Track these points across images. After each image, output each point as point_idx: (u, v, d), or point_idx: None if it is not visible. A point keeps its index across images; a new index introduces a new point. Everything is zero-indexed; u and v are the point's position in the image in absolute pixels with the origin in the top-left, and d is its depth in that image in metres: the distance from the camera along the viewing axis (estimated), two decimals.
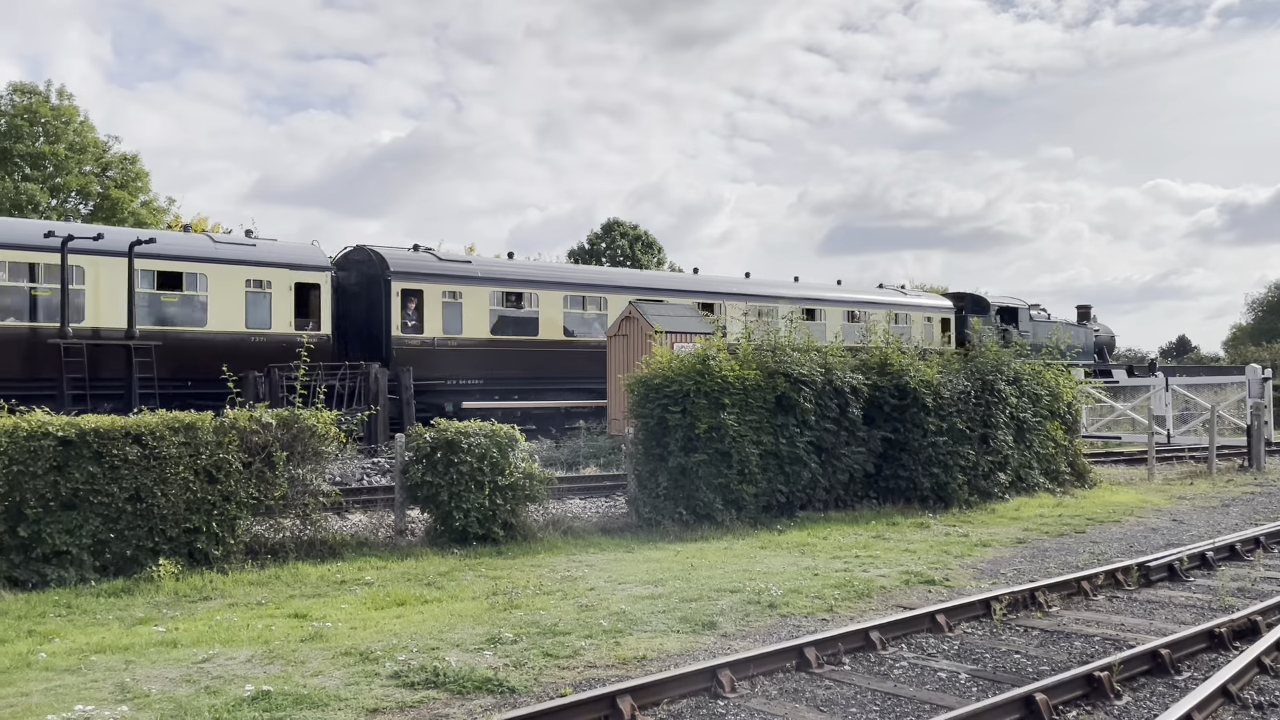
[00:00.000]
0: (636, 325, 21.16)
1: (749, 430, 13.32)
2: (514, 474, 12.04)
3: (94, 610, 8.36)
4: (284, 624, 7.88)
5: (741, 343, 14.37)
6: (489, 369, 23.75)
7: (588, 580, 9.71)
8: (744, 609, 8.43)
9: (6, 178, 33.93)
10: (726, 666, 6.37)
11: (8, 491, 9.01)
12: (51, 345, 17.97)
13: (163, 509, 9.72)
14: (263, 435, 10.60)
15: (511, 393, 24.00)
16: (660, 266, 55.98)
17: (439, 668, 6.49)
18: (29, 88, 36.15)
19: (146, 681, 6.24)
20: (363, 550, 11.16)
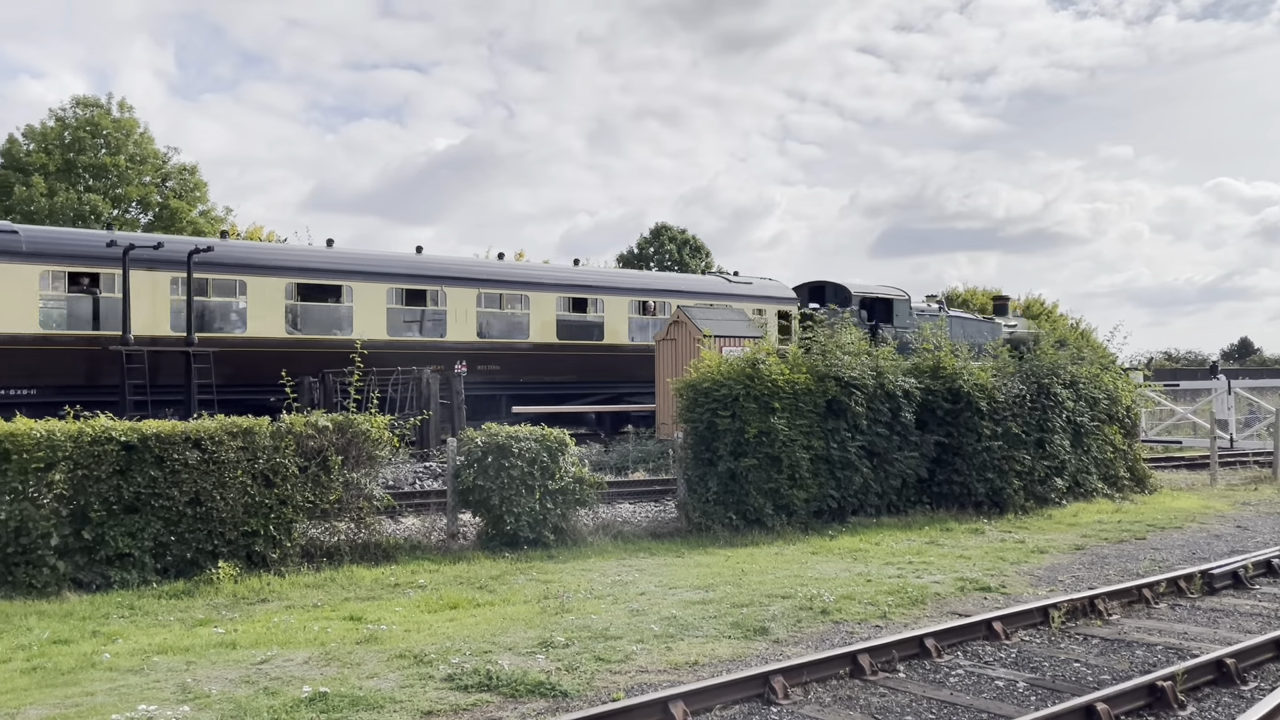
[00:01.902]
0: (684, 329, 21.13)
1: (799, 435, 13.23)
2: (564, 478, 12.09)
3: (156, 612, 8.53)
4: (340, 626, 7.98)
5: (791, 347, 14.28)
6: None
7: (638, 585, 9.71)
8: (796, 615, 8.37)
9: (70, 189, 34.85)
10: (779, 673, 6.33)
11: (73, 495, 9.24)
12: (113, 352, 18.39)
13: (221, 512, 9.90)
14: (318, 440, 10.75)
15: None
16: (708, 271, 55.87)
17: (492, 671, 6.53)
18: (92, 101, 37.14)
19: (207, 682, 6.36)
20: (415, 553, 11.26)
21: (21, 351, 18.10)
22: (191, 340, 19.20)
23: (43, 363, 18.30)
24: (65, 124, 36.17)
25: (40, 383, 18.17)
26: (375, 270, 22.45)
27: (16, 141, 35.71)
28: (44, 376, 18.23)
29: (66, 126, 36.08)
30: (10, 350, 17.98)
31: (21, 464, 8.98)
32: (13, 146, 35.56)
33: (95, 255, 18.85)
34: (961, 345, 15.98)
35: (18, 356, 18.05)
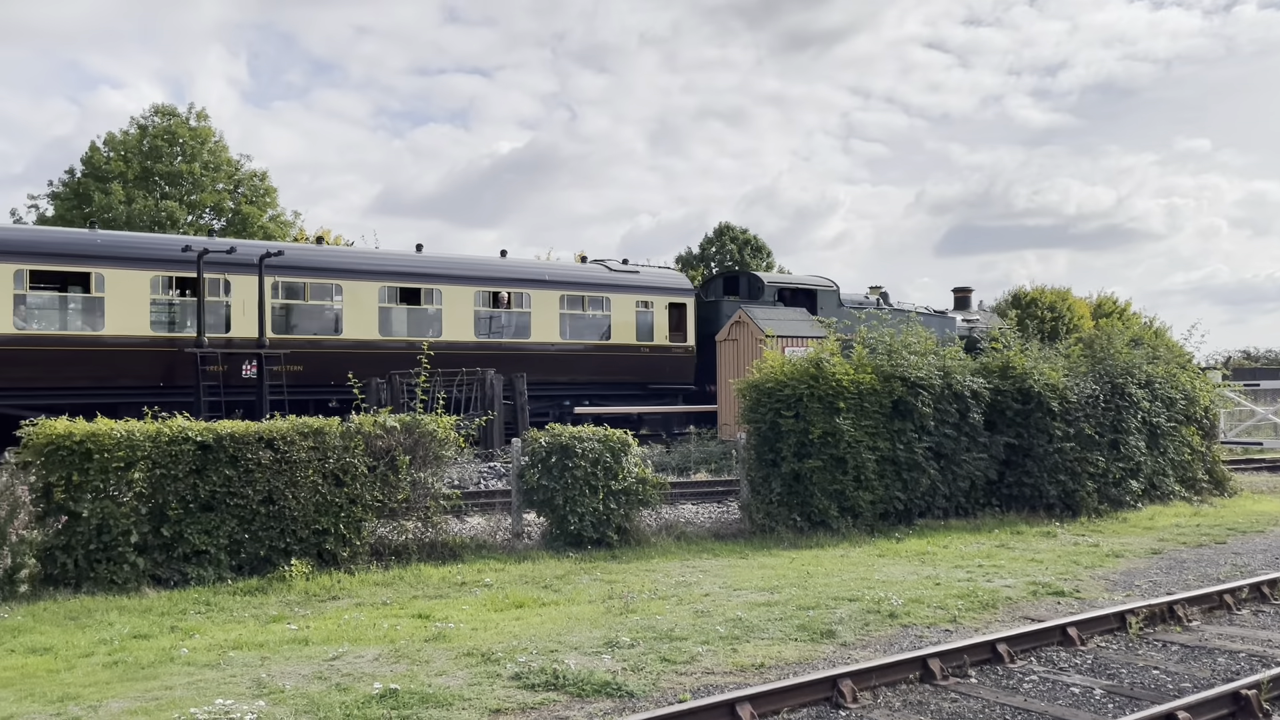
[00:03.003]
0: (746, 330, 21.04)
1: (865, 436, 13.08)
2: (627, 479, 12.11)
3: (231, 608, 8.73)
4: (408, 624, 8.09)
5: (857, 347, 14.12)
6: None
7: (702, 586, 9.68)
8: (863, 618, 8.27)
9: (148, 195, 35.89)
10: (848, 676, 6.26)
11: (151, 493, 9.50)
12: (189, 354, 18.87)
13: (293, 511, 10.10)
14: (386, 440, 10.91)
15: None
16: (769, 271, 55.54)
17: (558, 670, 6.56)
18: (169, 110, 38.22)
19: (281, 677, 6.48)
20: (481, 552, 11.37)
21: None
22: (263, 342, 19.61)
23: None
24: (146, 132, 37.23)
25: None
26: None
27: (98, 150, 36.87)
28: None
29: (146, 135, 37.15)
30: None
31: (103, 463, 9.25)
32: (94, 155, 36.72)
33: (179, 259, 19.45)
34: (899, 337, 14.47)
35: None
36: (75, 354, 18.31)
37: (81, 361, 18.30)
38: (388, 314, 21.83)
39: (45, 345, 18.19)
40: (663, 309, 25.07)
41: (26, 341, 17.97)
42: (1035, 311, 45.31)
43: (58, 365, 18.07)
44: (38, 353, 18.05)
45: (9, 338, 17.70)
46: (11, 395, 17.74)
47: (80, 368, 18.28)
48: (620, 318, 24.46)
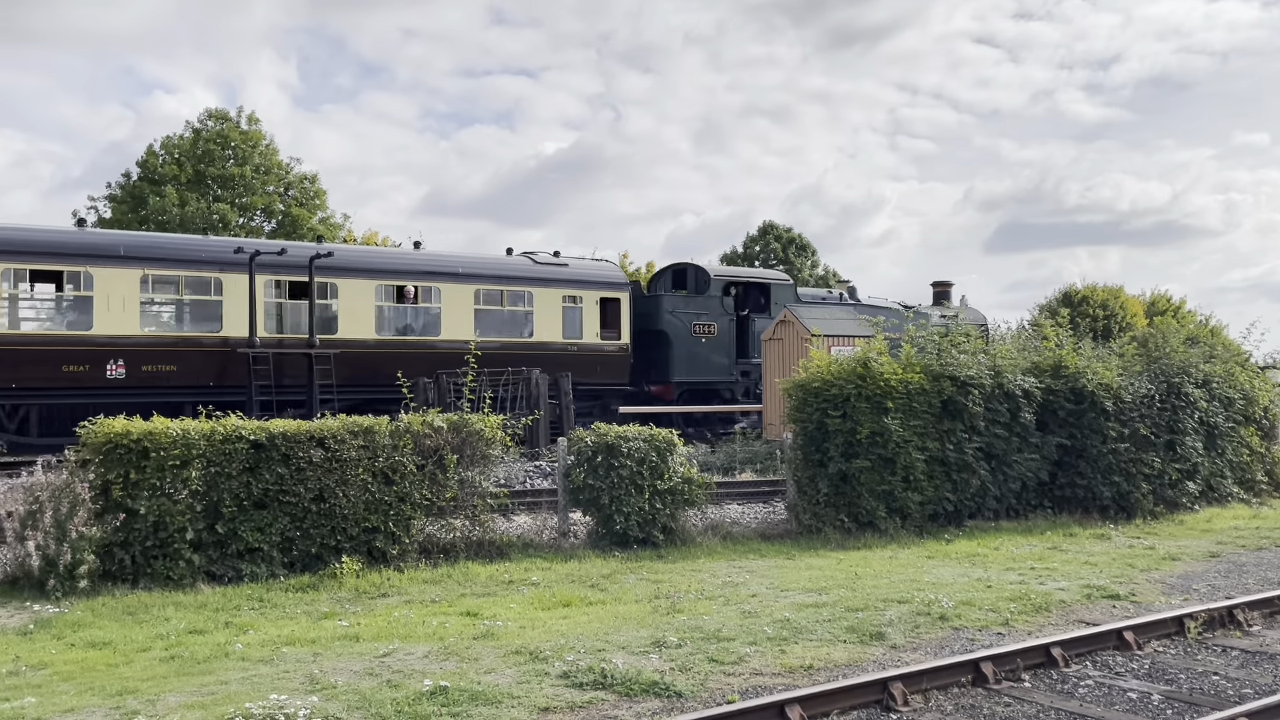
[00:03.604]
0: (792, 329, 20.91)
1: (913, 436, 12.93)
2: (673, 478, 12.10)
3: (283, 604, 8.86)
4: (457, 622, 8.15)
5: (905, 346, 13.98)
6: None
7: (749, 586, 9.64)
8: (913, 620, 8.18)
9: (201, 198, 36.55)
10: (898, 679, 6.20)
11: (206, 491, 9.67)
12: (241, 354, 19.17)
13: (344, 509, 10.22)
14: (434, 439, 11.01)
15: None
16: (813, 270, 55.18)
17: (606, 669, 6.57)
18: (221, 114, 38.88)
19: (333, 673, 6.56)
20: (528, 551, 11.43)
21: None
22: (313, 342, 19.87)
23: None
24: (199, 136, 37.94)
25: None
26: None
27: (154, 154, 37.63)
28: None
29: (200, 138, 37.85)
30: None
31: (159, 461, 9.43)
32: (150, 159, 37.49)
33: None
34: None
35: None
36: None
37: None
38: (276, 309, 20.06)
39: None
40: (593, 304, 23.27)
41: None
42: (1087, 310, 44.53)
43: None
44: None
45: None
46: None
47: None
48: (544, 314, 22.72)
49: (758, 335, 24.12)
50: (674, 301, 24.47)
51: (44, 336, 18.29)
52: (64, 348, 18.09)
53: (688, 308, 24.43)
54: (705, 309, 24.49)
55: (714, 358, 24.44)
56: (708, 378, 24.39)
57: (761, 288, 25.89)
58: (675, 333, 23.98)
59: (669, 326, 24.00)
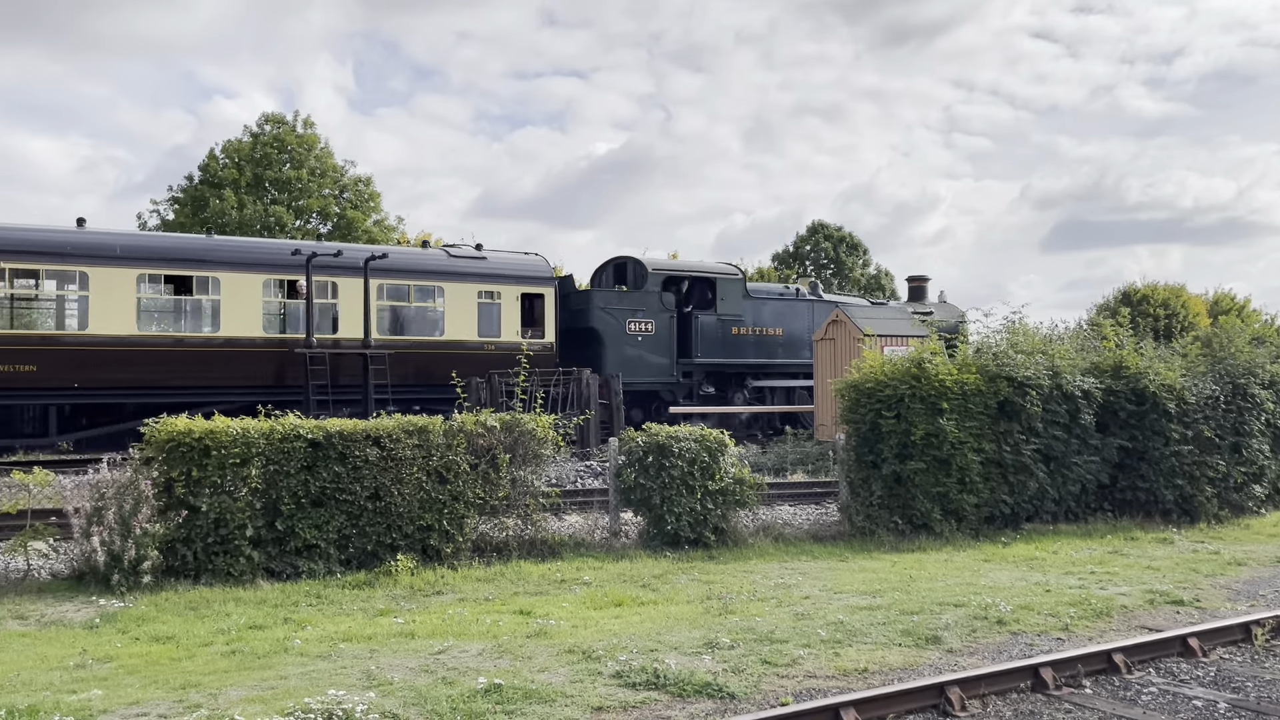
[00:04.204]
0: (844, 329, 20.73)
1: (969, 437, 12.75)
2: (724, 479, 12.06)
3: (340, 601, 8.99)
4: (510, 620, 8.20)
5: (961, 345, 13.79)
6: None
7: (801, 588, 9.58)
8: (970, 624, 8.06)
9: (258, 201, 37.24)
10: (955, 684, 6.11)
11: (266, 489, 9.84)
12: (298, 354, 19.47)
13: (399, 507, 10.34)
14: (487, 438, 11.09)
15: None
16: (865, 269, 54.69)
17: (659, 669, 6.56)
18: (278, 118, 39.60)
19: (389, 670, 6.64)
20: (580, 550, 11.46)
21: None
22: (369, 343, 20.13)
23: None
24: (257, 140, 38.68)
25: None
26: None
27: (215, 158, 38.44)
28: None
29: (258, 142, 38.58)
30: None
31: (220, 459, 9.62)
32: (211, 163, 38.30)
33: (291, 264, 20.11)
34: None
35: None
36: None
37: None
38: (141, 304, 19.24)
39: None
40: (513, 300, 21.85)
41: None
42: (1147, 309, 43.59)
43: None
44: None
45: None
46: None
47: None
48: (457, 310, 21.27)
49: (703, 333, 23.23)
50: (606, 297, 22.82)
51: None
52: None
53: (622, 304, 22.81)
54: (642, 305, 22.75)
55: (651, 358, 22.76)
56: (644, 379, 22.61)
57: (706, 282, 23.99)
58: (607, 331, 22.38)
59: (600, 324, 22.41)
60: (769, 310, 24.38)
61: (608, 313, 22.50)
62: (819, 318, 23.92)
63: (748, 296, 24.01)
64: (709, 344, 23.33)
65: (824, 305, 25.00)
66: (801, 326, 24.64)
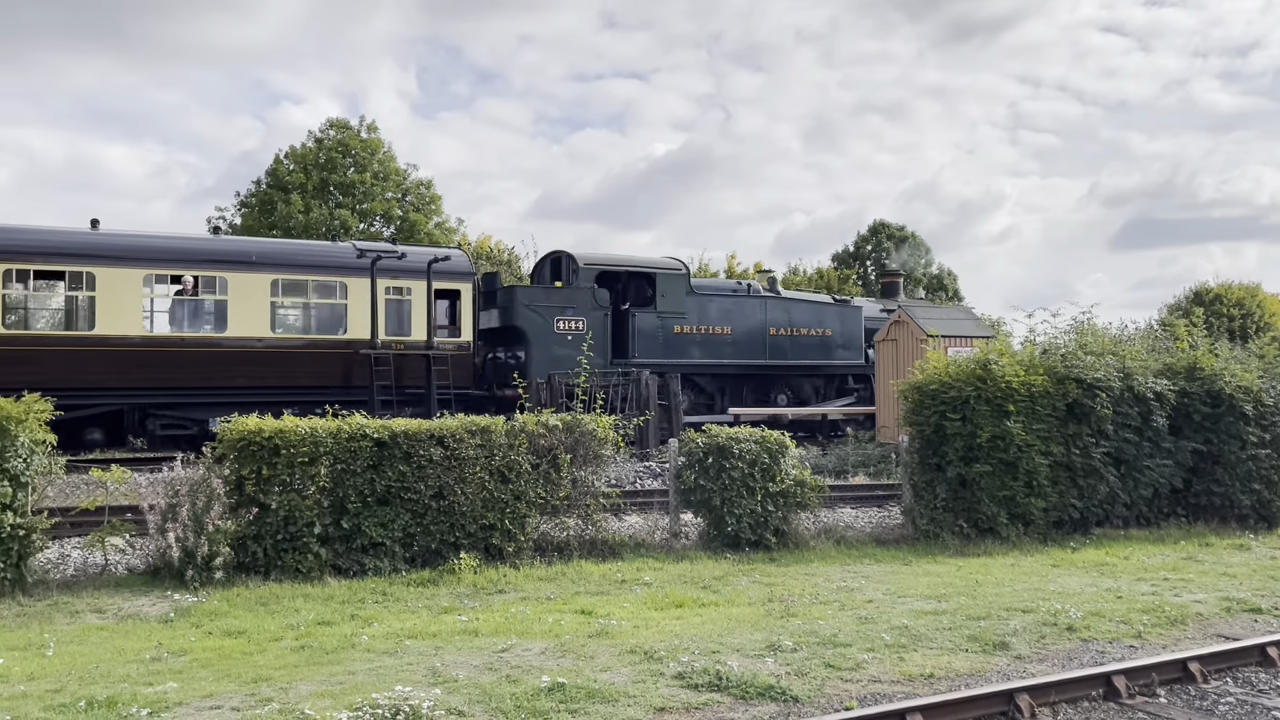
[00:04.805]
0: (906, 329, 20.49)
1: (1037, 439, 12.50)
2: (785, 480, 11.99)
3: (405, 598, 9.11)
4: (572, 619, 8.24)
5: (1026, 346, 13.54)
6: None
7: (864, 592, 9.48)
8: (1038, 630, 7.91)
9: (323, 204, 37.94)
10: (1024, 690, 6.00)
11: (333, 487, 10.02)
12: (363, 355, 19.73)
13: (462, 506, 10.46)
14: (549, 438, 11.16)
15: None
16: (927, 269, 53.96)
17: (721, 671, 6.54)
18: (342, 123, 40.31)
19: (454, 667, 6.71)
20: (640, 551, 11.48)
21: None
22: (432, 344, 20.38)
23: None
24: (322, 145, 39.43)
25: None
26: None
27: (282, 163, 39.27)
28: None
29: (323, 147, 39.33)
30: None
31: (289, 458, 9.82)
32: (278, 167, 39.12)
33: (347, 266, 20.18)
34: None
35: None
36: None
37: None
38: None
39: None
40: (424, 296, 20.26)
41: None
42: (1220, 309, 42.39)
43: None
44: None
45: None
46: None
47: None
48: (362, 308, 19.61)
49: (640, 331, 21.81)
50: (531, 294, 21.27)
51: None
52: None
53: (550, 301, 21.32)
54: (572, 302, 21.22)
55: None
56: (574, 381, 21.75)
57: (645, 278, 22.35)
58: (533, 329, 20.91)
59: (525, 322, 20.96)
60: (716, 307, 22.88)
61: (533, 310, 21.03)
62: (773, 316, 23.06)
63: (692, 293, 22.56)
64: (647, 344, 21.87)
65: (779, 302, 23.73)
66: (754, 325, 23.19)
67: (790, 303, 23.85)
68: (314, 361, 19.31)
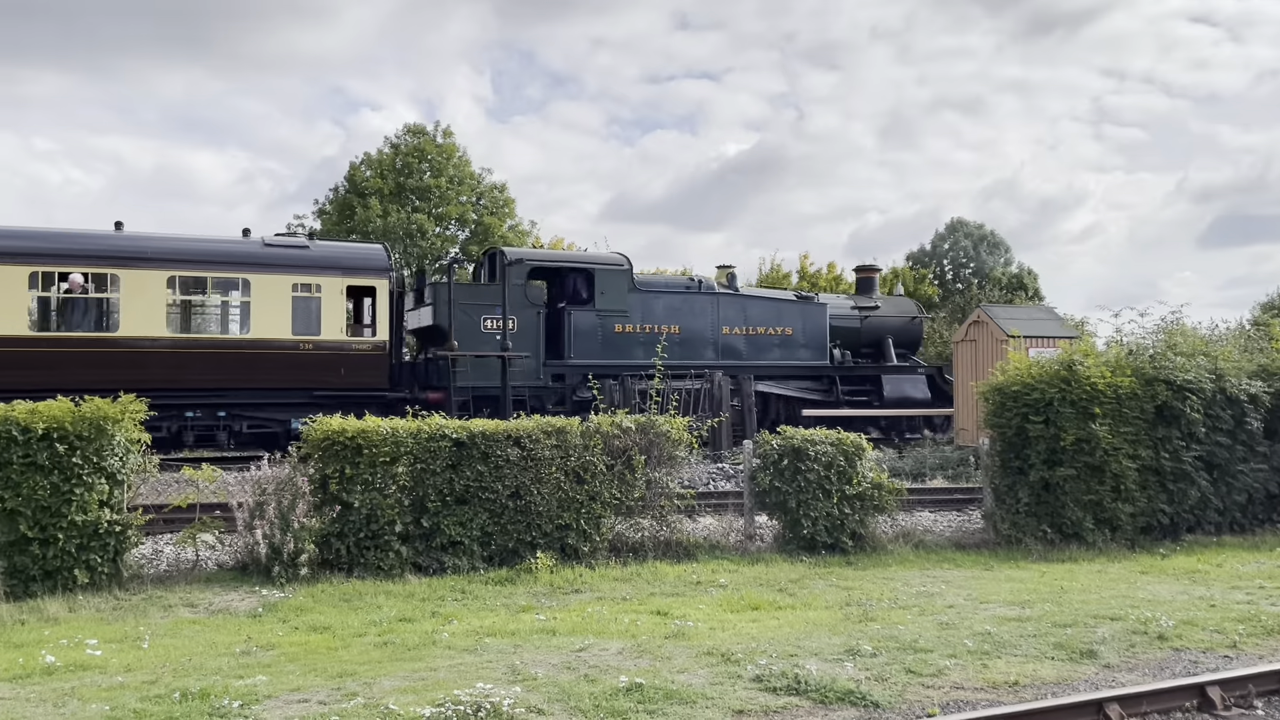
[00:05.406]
0: (986, 330, 20.09)
1: (1124, 443, 12.15)
2: (862, 483, 11.86)
3: (483, 596, 9.23)
4: (648, 620, 8.25)
5: (1113, 347, 13.18)
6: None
7: (945, 597, 9.32)
8: (1128, 639, 7.68)
9: (401, 209, 38.64)
10: (1115, 700, 5.84)
11: (413, 486, 10.20)
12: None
13: (538, 506, 10.56)
14: (623, 439, 11.21)
15: None
16: (1006, 268, 52.82)
17: (799, 675, 6.49)
18: (418, 129, 41.02)
19: (533, 665, 6.78)
20: (714, 553, 11.46)
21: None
22: (505, 346, 20.62)
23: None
24: (398, 150, 40.19)
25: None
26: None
27: (358, 169, 40.12)
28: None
29: (399, 153, 40.08)
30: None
31: (371, 458, 10.03)
32: (355, 173, 39.98)
33: None
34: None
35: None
36: None
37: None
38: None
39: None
40: (337, 294, 19.20)
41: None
42: None
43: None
44: None
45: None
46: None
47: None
48: (266, 305, 18.74)
49: (577, 330, 20.83)
50: (456, 291, 20.07)
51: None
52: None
53: (476, 298, 20.33)
54: (501, 299, 19.89)
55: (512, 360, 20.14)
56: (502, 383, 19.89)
57: (583, 274, 21.22)
58: (457, 329, 19.81)
59: (450, 321, 19.91)
60: (662, 305, 21.70)
61: (459, 308, 19.89)
62: (726, 314, 22.05)
63: (635, 290, 21.35)
64: (585, 343, 20.85)
65: (733, 299, 22.54)
66: (704, 324, 22.04)
67: (746, 300, 22.71)
68: (211, 362, 18.45)
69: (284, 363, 18.78)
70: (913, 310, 25.85)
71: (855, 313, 24.61)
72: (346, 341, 19.44)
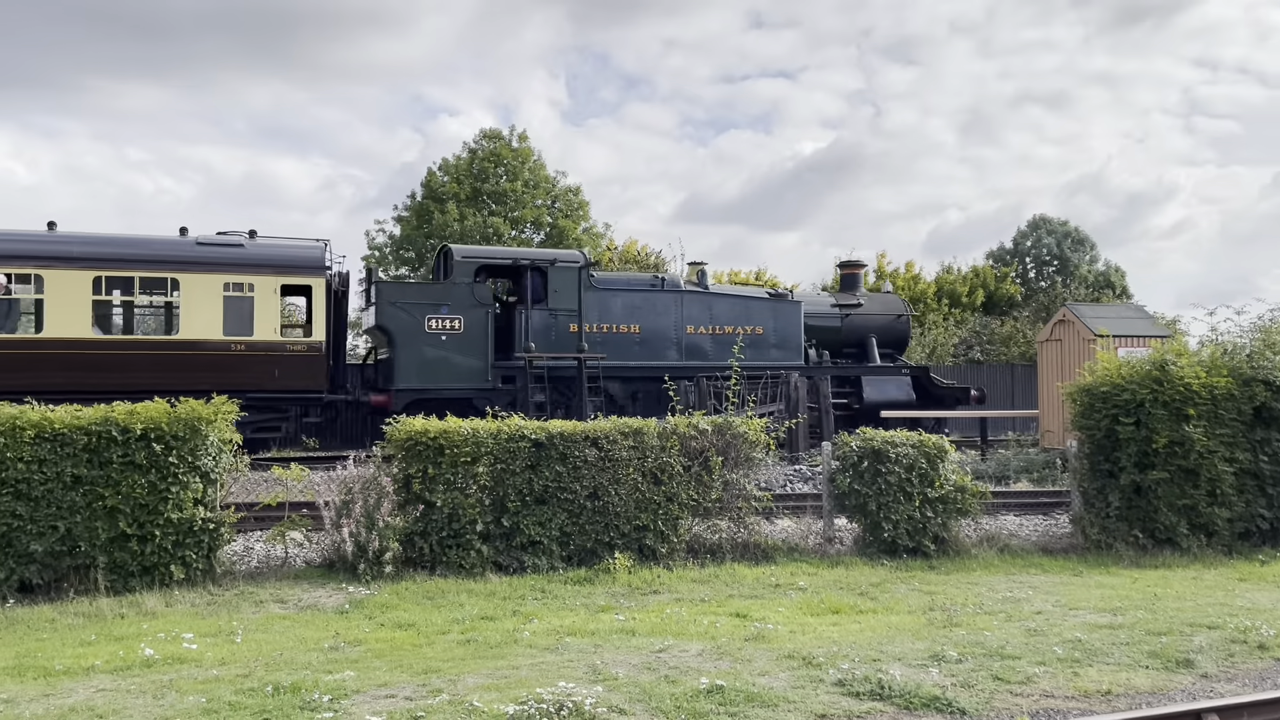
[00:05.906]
0: (1072, 329, 19.56)
1: (1220, 445, 11.73)
2: (944, 486, 11.65)
3: (563, 596, 9.30)
4: (727, 622, 8.23)
5: (1208, 346, 12.73)
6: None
7: (1032, 603, 9.11)
8: (1226, 648, 7.41)
9: (477, 213, 39.19)
10: (1214, 711, 5.64)
11: (494, 486, 10.34)
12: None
13: (616, 506, 10.61)
14: (700, 441, 11.20)
15: None
16: (1092, 265, 51.35)
17: (883, 680, 6.40)
18: (494, 134, 41.56)
19: (613, 665, 6.81)
20: (793, 555, 11.37)
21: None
22: (582, 347, 20.74)
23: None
24: (475, 155, 40.79)
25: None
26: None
27: (435, 174, 40.81)
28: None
29: (476, 158, 40.68)
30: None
31: (453, 458, 10.19)
32: (432, 179, 40.68)
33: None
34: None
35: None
36: None
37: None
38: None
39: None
40: (271, 293, 18.51)
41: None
42: None
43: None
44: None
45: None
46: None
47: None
48: (195, 305, 18.06)
49: (532, 330, 19.97)
50: (399, 290, 19.78)
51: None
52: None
53: (420, 297, 19.60)
54: (446, 299, 19.29)
55: (460, 360, 19.42)
56: (450, 385, 19.26)
57: (536, 272, 20.32)
58: (400, 329, 19.09)
59: (391, 321, 19.13)
60: (621, 303, 20.83)
61: (400, 308, 19.14)
62: (691, 312, 21.04)
63: (592, 288, 20.52)
64: (537, 344, 20.00)
65: (698, 297, 21.48)
66: (666, 323, 21.05)
67: (712, 298, 21.66)
68: (145, 364, 17.73)
69: (215, 364, 18.10)
70: (899, 308, 24.49)
71: (835, 311, 23.45)
72: (280, 342, 18.76)
